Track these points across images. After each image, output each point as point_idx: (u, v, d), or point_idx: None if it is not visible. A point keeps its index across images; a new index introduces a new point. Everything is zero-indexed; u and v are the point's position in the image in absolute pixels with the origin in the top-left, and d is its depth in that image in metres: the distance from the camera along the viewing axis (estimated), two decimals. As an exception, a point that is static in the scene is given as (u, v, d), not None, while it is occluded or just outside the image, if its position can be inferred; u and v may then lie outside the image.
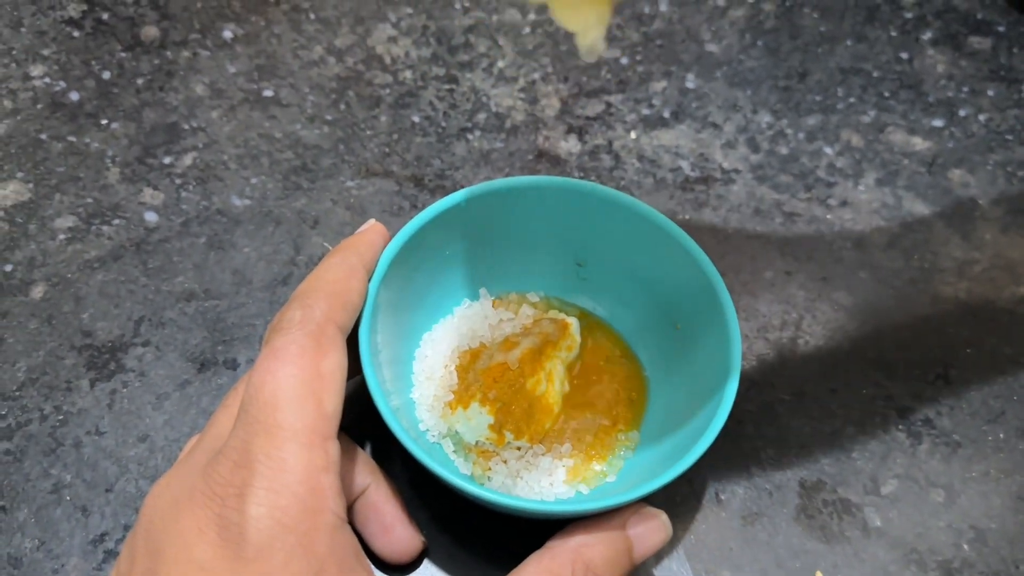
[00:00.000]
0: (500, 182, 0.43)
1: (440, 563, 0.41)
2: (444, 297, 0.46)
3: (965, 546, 0.43)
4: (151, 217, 0.52)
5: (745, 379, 0.47)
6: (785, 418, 0.46)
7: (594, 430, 0.43)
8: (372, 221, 0.41)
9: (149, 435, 0.44)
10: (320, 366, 0.33)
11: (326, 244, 0.51)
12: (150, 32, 0.60)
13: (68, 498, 0.42)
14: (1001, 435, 0.46)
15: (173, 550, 0.30)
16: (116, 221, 0.51)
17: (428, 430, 0.42)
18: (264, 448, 0.31)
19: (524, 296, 0.48)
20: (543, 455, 0.42)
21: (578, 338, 0.45)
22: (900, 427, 0.46)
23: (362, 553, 0.33)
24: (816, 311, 0.50)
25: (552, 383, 0.43)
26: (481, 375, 0.43)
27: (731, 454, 0.45)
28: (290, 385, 0.32)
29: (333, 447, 0.32)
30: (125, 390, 0.46)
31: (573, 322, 0.45)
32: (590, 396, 0.45)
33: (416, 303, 0.45)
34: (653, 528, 0.37)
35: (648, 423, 0.44)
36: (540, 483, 0.41)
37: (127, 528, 0.42)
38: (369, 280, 0.39)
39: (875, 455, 0.45)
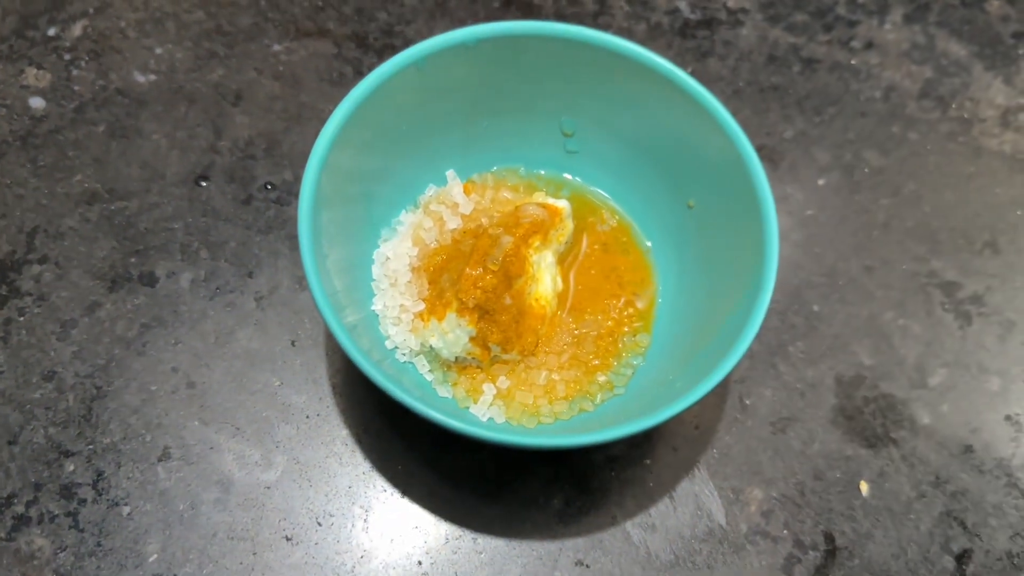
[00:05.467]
0: (462, 32, 0.34)
1: (421, 502, 0.35)
2: (405, 185, 0.38)
3: (1026, 440, 0.37)
4: (37, 103, 0.42)
5: (767, 262, 0.40)
6: (816, 305, 0.39)
7: (596, 335, 0.36)
8: None
9: (56, 371, 0.37)
10: None
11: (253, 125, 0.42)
12: None
13: (-38, 455, 0.35)
14: (1061, 309, 0.40)
15: None
16: (-9, 110, 0.42)
17: (396, 348, 0.35)
18: None
19: (502, 177, 0.39)
20: (537, 369, 0.35)
21: (571, 224, 0.37)
22: (946, 307, 0.40)
23: None
24: (845, 176, 0.42)
25: (542, 282, 0.36)
26: (457, 278, 0.35)
27: (755, 350, 0.38)
28: None
29: None
30: (22, 319, 0.38)
31: (564, 206, 0.37)
32: (589, 293, 0.37)
33: (371, 194, 0.36)
34: None
35: (659, 322, 0.37)
36: (537, 404, 0.34)
37: (38, 487, 0.34)
38: None
39: (920, 341, 0.39)
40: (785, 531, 0.35)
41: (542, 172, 0.40)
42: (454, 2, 0.46)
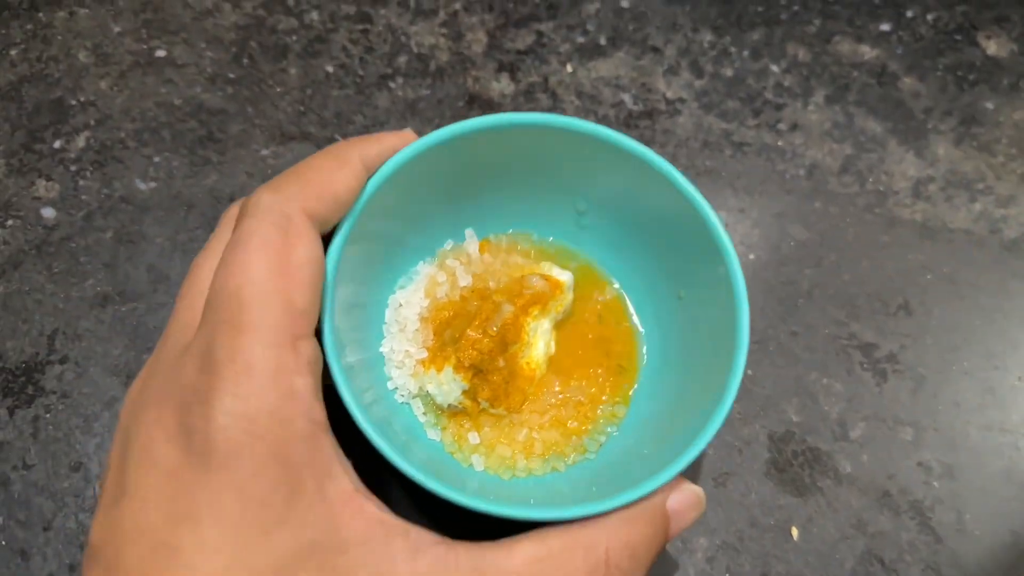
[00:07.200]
0: (490, 119, 0.37)
1: (409, 517, 0.40)
2: (426, 236, 0.41)
3: (935, 483, 0.43)
4: (48, 213, 0.47)
5: (707, 333, 0.45)
6: (749, 368, 0.45)
7: (577, 400, 0.40)
8: (406, 131, 0.37)
9: (82, 462, 0.41)
10: (289, 258, 0.30)
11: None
12: (14, -11, 0.53)
13: (3, 542, 0.39)
14: (966, 363, 0.46)
15: (139, 455, 0.28)
16: (10, 222, 0.46)
17: (396, 389, 0.39)
18: (229, 349, 0.27)
19: (515, 240, 0.43)
20: (520, 426, 0.39)
21: (570, 296, 0.40)
22: (865, 366, 0.45)
23: (344, 460, 0.30)
24: (773, 250, 0.48)
25: (535, 347, 0.39)
26: (458, 337, 0.39)
27: (698, 414, 0.44)
28: (255, 279, 0.28)
29: (307, 346, 0.29)
30: (48, 415, 0.42)
31: (567, 279, 0.40)
32: (577, 360, 0.41)
33: (395, 240, 0.39)
34: (691, 505, 0.34)
35: (638, 396, 0.40)
36: (515, 458, 0.39)
37: (73, 568, 0.39)
38: (367, 177, 0.34)
39: (841, 398, 0.44)
40: (727, 574, 0.41)
41: (551, 239, 0.43)
42: (423, 103, 0.51)
